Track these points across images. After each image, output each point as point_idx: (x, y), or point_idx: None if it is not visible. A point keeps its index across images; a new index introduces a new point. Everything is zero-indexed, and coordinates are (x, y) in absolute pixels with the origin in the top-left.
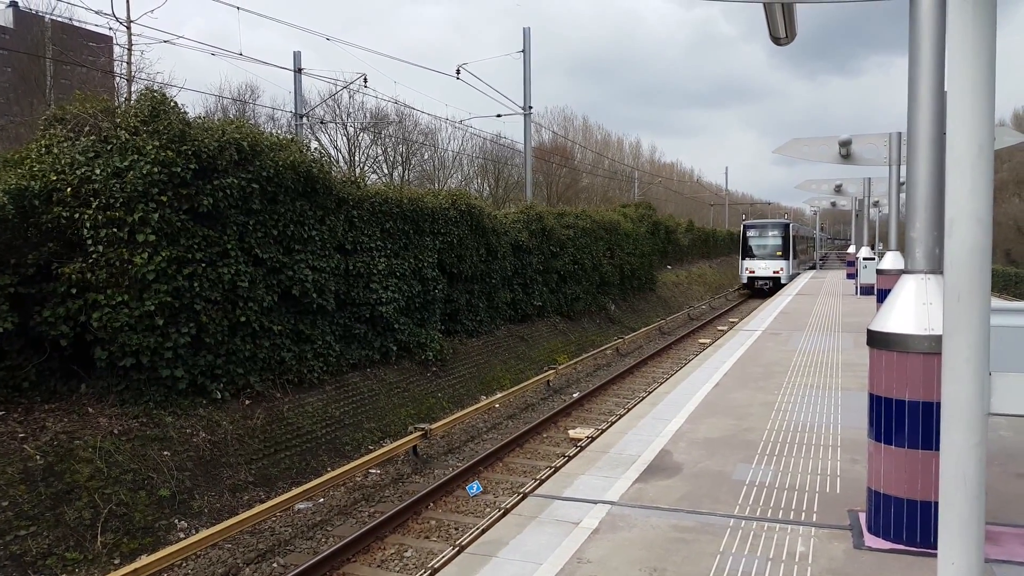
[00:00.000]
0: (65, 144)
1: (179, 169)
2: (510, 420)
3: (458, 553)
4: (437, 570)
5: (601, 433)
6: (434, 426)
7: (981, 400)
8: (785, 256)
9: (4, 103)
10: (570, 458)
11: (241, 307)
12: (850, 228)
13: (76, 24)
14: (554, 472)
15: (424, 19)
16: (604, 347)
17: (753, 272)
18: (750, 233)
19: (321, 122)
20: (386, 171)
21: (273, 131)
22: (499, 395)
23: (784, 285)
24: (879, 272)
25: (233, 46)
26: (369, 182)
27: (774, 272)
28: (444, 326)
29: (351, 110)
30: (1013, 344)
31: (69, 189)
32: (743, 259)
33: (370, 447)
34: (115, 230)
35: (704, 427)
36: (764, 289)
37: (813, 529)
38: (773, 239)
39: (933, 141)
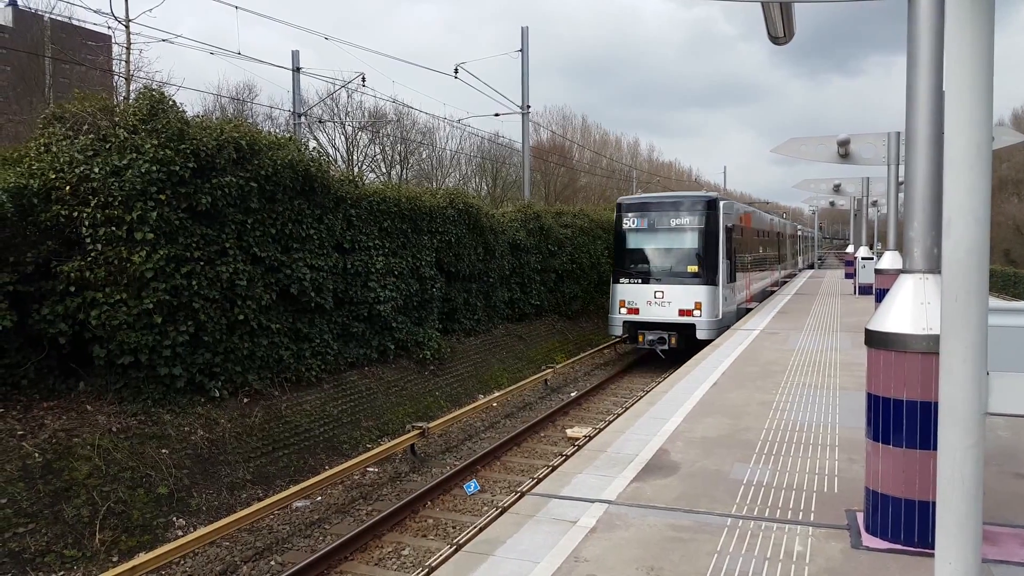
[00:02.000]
0: (64, 142)
1: (178, 168)
2: (508, 419)
3: (455, 551)
4: (434, 568)
5: (599, 432)
6: (432, 425)
7: (979, 400)
8: (706, 275)
9: (3, 101)
10: (568, 457)
11: (239, 305)
12: (849, 228)
13: (75, 23)
14: (551, 471)
15: (422, 19)
16: (602, 346)
17: (635, 310)
18: (631, 222)
19: (319, 121)
20: (384, 170)
21: (271, 130)
22: (497, 394)
23: (707, 343)
24: (877, 272)
25: (231, 45)
26: (367, 181)
27: (681, 312)
28: (442, 325)
29: (349, 109)
30: (1011, 344)
31: (68, 187)
32: (615, 281)
33: (368, 445)
34: (114, 228)
35: (701, 426)
36: (660, 353)
37: (811, 529)
38: (681, 235)
39: (931, 141)
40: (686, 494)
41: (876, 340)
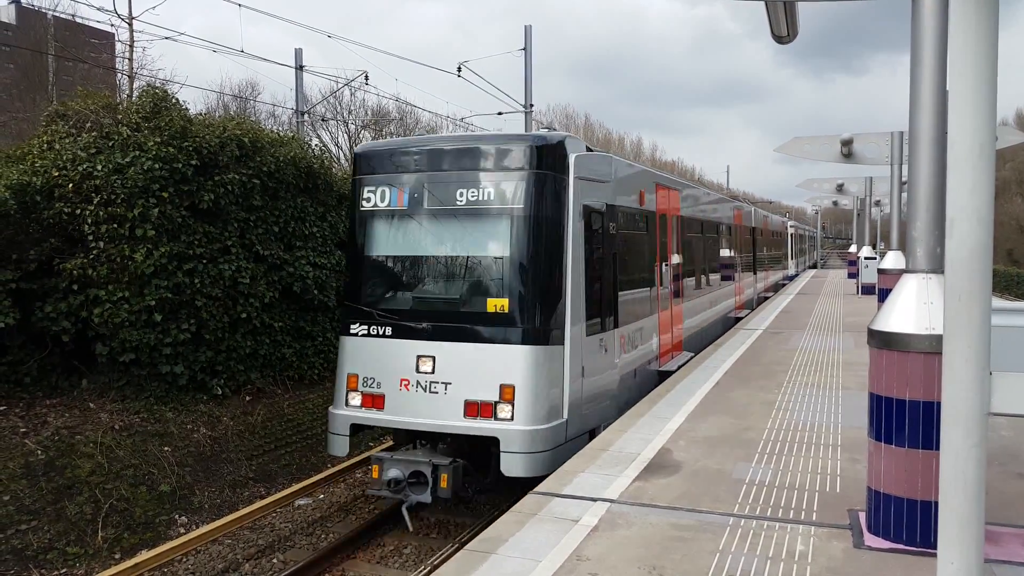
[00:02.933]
0: (67, 140)
1: (180, 165)
2: None
3: (458, 550)
4: (437, 567)
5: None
6: None
7: (981, 400)
8: (534, 319)
9: (6, 99)
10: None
11: (242, 303)
12: (852, 227)
13: (78, 20)
14: None
15: (425, 18)
16: None
17: (375, 399)
18: (375, 196)
19: (322, 119)
20: None
21: (274, 128)
22: None
23: (536, 482)
24: (880, 271)
25: (234, 43)
26: None
27: (470, 409)
28: None
29: (352, 107)
30: (1014, 344)
31: (71, 185)
32: (344, 331)
33: (371, 444)
34: (116, 226)
35: (704, 426)
36: (406, 516)
37: (813, 528)
38: (479, 226)
39: (935, 140)
40: (688, 493)
41: (879, 340)
